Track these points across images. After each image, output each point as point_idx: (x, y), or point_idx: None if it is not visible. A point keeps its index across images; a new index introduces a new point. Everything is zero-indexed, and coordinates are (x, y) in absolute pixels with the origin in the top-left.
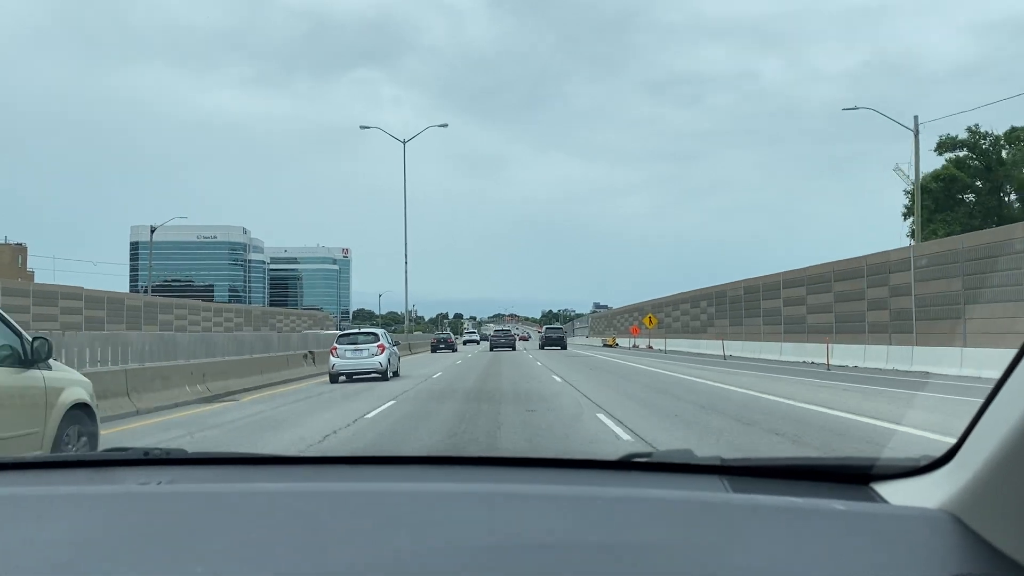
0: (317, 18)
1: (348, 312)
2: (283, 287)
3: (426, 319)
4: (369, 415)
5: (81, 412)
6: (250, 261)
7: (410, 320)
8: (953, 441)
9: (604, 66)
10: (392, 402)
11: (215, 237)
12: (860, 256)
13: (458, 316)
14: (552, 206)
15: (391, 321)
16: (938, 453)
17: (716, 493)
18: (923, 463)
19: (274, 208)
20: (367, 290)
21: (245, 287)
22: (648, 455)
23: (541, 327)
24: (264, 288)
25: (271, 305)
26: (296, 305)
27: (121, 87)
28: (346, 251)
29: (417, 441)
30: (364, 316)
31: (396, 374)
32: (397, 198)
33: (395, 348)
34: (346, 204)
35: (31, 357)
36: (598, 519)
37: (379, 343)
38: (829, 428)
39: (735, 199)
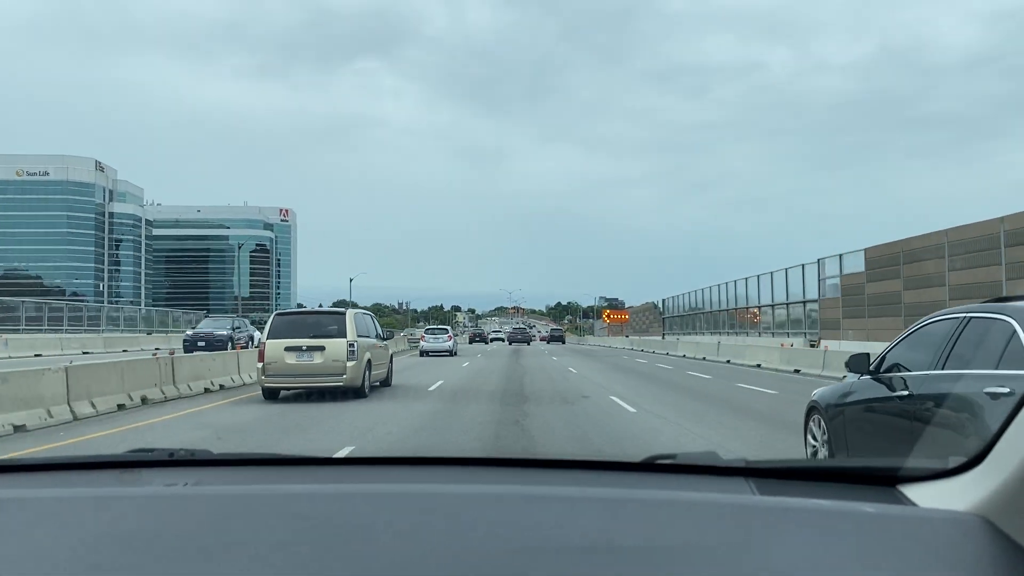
0: (316, 7)
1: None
2: (186, 266)
3: (418, 311)
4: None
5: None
6: (112, 215)
7: (400, 313)
8: None
9: (608, 56)
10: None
11: (45, 173)
12: None
13: (455, 309)
14: (556, 198)
15: (374, 313)
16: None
17: (742, 495)
18: (951, 465)
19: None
20: (327, 283)
21: (100, 260)
22: (672, 456)
23: (551, 321)
24: (139, 266)
25: (153, 297)
26: (219, 296)
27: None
28: (286, 212)
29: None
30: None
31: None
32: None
33: (456, 336)
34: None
35: (384, 337)
36: (625, 521)
37: (448, 334)
38: None
39: (743, 191)
